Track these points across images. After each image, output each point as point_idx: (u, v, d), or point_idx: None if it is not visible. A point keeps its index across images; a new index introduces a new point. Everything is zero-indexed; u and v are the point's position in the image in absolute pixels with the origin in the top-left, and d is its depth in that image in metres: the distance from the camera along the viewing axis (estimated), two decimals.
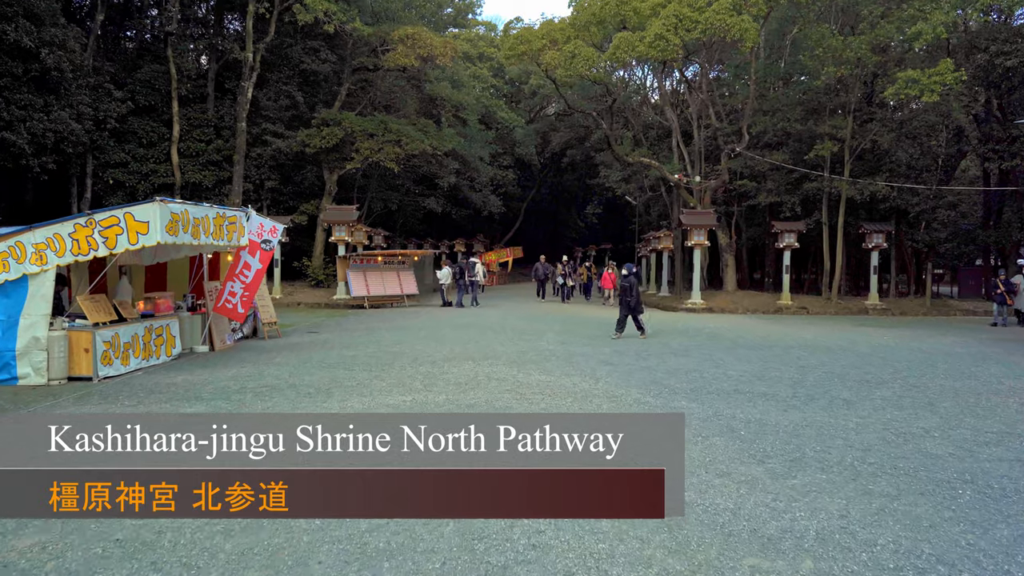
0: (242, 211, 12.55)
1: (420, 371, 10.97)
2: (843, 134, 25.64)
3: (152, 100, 29.16)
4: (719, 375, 11.00)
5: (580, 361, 12.23)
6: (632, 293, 15.72)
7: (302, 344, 14.49)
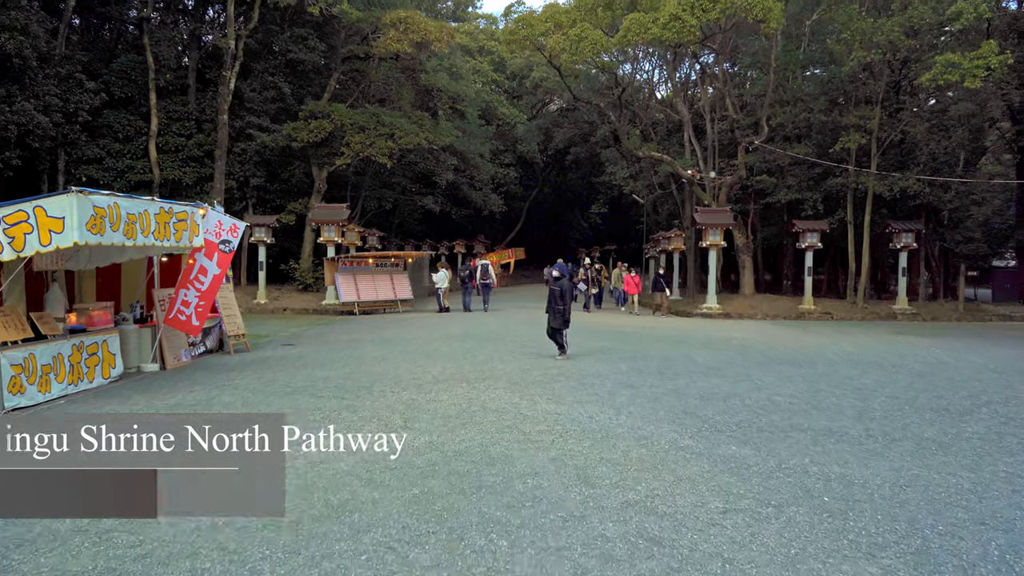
0: (195, 206, 10.64)
1: (402, 399, 9.05)
2: (871, 125, 23.69)
3: (129, 92, 27.27)
4: (764, 402, 9.07)
5: (594, 383, 10.29)
6: (564, 300, 12.73)
7: (271, 360, 12.57)
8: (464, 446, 6.77)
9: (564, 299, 12.66)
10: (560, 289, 12.77)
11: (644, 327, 19.39)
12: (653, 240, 35.47)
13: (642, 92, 39.76)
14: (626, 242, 59.99)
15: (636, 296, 25.58)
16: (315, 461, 6.24)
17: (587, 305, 25.40)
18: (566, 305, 12.68)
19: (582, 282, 25.71)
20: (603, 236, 61.43)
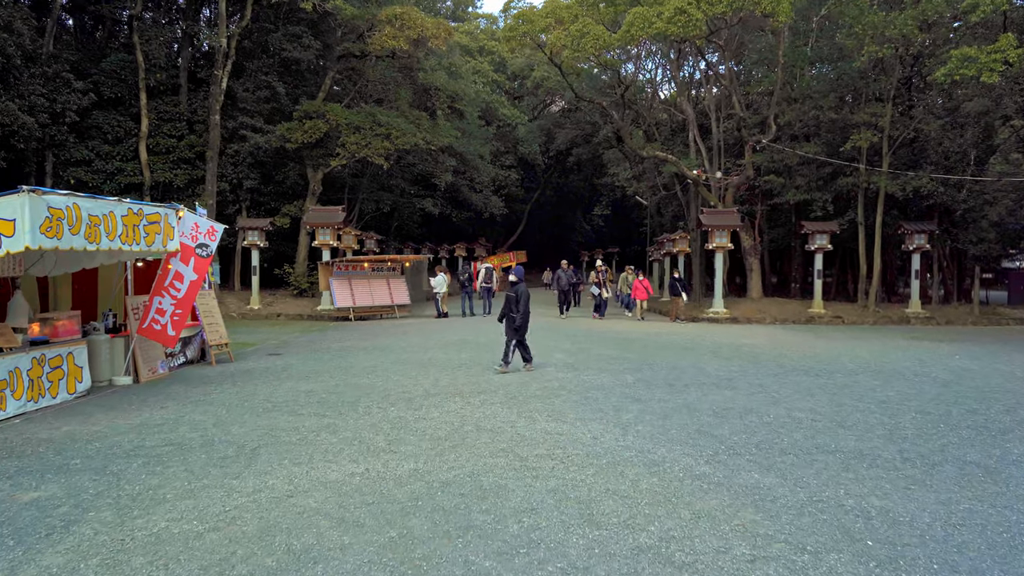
0: (170, 208, 9.90)
1: (389, 416, 8.29)
2: (882, 122, 22.92)
3: (119, 92, 26.60)
4: (784, 418, 8.30)
5: (598, 397, 9.53)
6: (519, 307, 11.64)
7: (254, 372, 11.82)
8: (453, 474, 6.01)
9: (518, 305, 11.62)
10: (516, 295, 11.70)
11: (649, 333, 18.63)
12: (657, 242, 34.70)
13: (645, 92, 39.05)
14: (629, 245, 59.23)
15: (645, 302, 24.27)
16: (281, 496, 5.48)
17: (599, 308, 23.77)
18: (519, 313, 11.58)
19: (595, 285, 24.00)
20: (605, 239, 60.66)
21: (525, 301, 11.72)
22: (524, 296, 11.74)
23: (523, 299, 11.70)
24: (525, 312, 11.71)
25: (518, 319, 11.58)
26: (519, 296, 11.67)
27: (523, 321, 11.69)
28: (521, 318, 11.62)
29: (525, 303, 11.72)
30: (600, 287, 23.82)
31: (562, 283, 23.73)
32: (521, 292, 11.73)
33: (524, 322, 11.73)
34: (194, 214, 10.96)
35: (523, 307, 11.69)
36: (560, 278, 23.75)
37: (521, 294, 11.71)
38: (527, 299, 11.79)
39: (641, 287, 23.85)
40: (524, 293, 11.78)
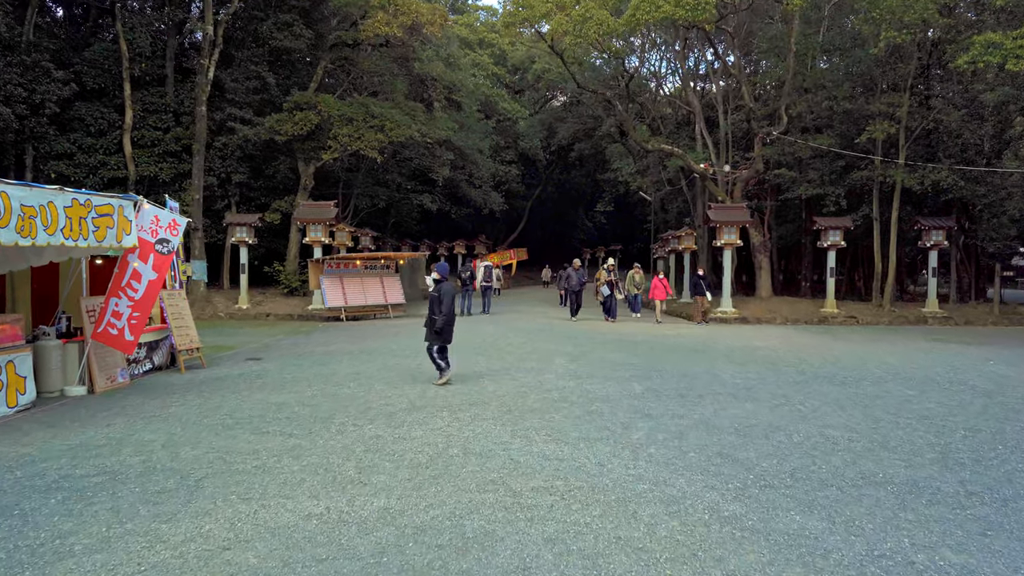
0: (127, 198, 8.86)
1: (365, 436, 7.25)
2: (900, 113, 21.82)
3: (102, 83, 25.56)
4: (817, 438, 7.25)
5: (604, 410, 8.49)
6: (441, 308, 10.19)
7: (226, 380, 10.78)
8: (430, 516, 4.97)
9: (441, 306, 10.24)
10: (439, 294, 10.28)
11: (656, 336, 17.58)
12: (661, 239, 33.62)
13: (649, 85, 37.99)
14: (632, 242, 58.19)
15: (664, 303, 22.62)
16: (215, 548, 4.43)
17: (608, 310, 21.60)
18: (443, 315, 10.18)
19: (606, 285, 21.70)
20: (608, 236, 59.63)
21: (448, 302, 10.33)
22: (447, 296, 10.34)
23: (446, 299, 10.30)
24: (448, 314, 10.28)
25: (439, 321, 10.16)
26: (442, 296, 10.28)
27: (444, 324, 10.24)
28: (443, 320, 10.19)
29: (448, 304, 10.31)
30: (612, 287, 21.76)
31: (572, 283, 21.86)
32: (444, 291, 10.34)
33: (446, 325, 10.27)
34: (156, 207, 9.90)
35: (446, 308, 10.26)
36: (570, 277, 21.97)
37: (444, 294, 10.32)
38: (451, 299, 10.44)
39: (660, 286, 22.23)
40: (447, 292, 10.38)
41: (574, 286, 21.73)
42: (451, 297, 10.43)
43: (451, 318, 10.38)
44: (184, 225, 10.41)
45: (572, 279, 21.81)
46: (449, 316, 10.29)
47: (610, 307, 21.68)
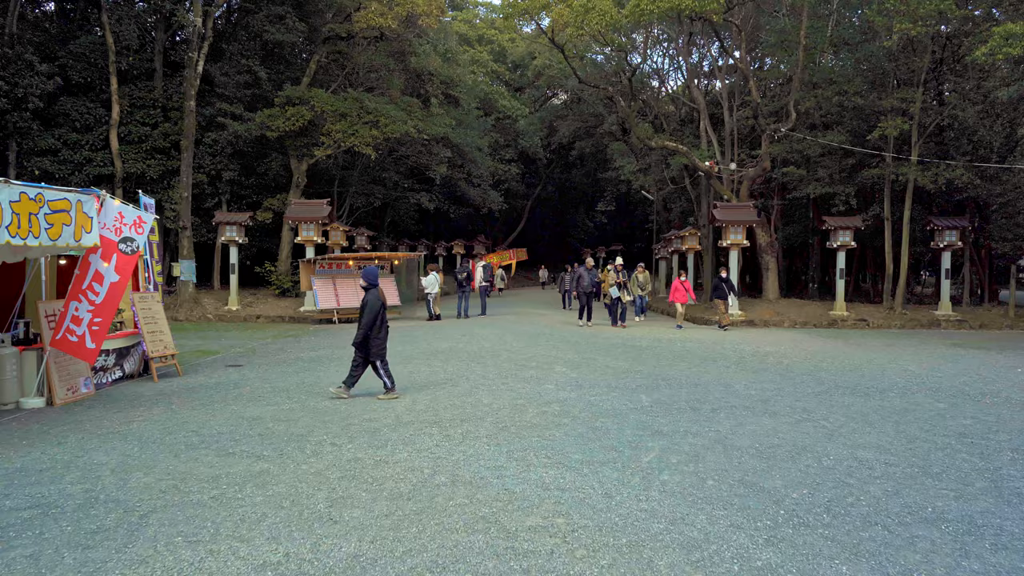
0: (85, 192, 8.08)
1: (343, 458, 6.47)
2: (913, 109, 21.03)
3: (88, 77, 24.78)
4: (849, 460, 6.47)
5: (609, 427, 7.70)
6: (378, 316, 9.16)
7: (200, 390, 10.00)
8: (407, 566, 4.18)
9: (363, 316, 9.10)
10: (362, 304, 9.23)
11: (661, 340, 16.79)
12: (664, 240, 32.84)
13: (651, 83, 37.23)
14: (633, 242, 57.40)
15: (684, 307, 20.72)
16: None
17: (618, 316, 19.83)
18: (377, 322, 9.14)
19: (616, 286, 19.78)
20: (609, 236, 58.83)
21: (370, 313, 9.09)
22: (370, 306, 9.12)
23: (367, 310, 9.11)
24: (367, 324, 9.06)
25: (357, 335, 9.09)
26: (364, 305, 9.18)
27: (363, 336, 9.07)
28: (361, 334, 9.07)
29: (369, 315, 9.08)
30: (621, 289, 19.89)
31: (584, 284, 19.98)
32: (366, 301, 9.18)
33: (365, 337, 9.09)
34: (121, 203, 9.11)
35: (365, 319, 9.07)
36: (582, 277, 20.16)
37: (366, 304, 9.17)
38: (373, 310, 9.11)
39: (681, 288, 20.39)
40: (370, 302, 9.16)
41: (586, 287, 19.99)
42: (374, 308, 9.13)
43: (369, 328, 9.10)
44: (151, 222, 9.63)
45: (584, 280, 20.04)
46: (367, 326, 9.09)
47: (619, 310, 19.97)
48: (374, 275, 9.49)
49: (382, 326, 9.27)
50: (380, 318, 9.22)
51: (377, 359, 9.25)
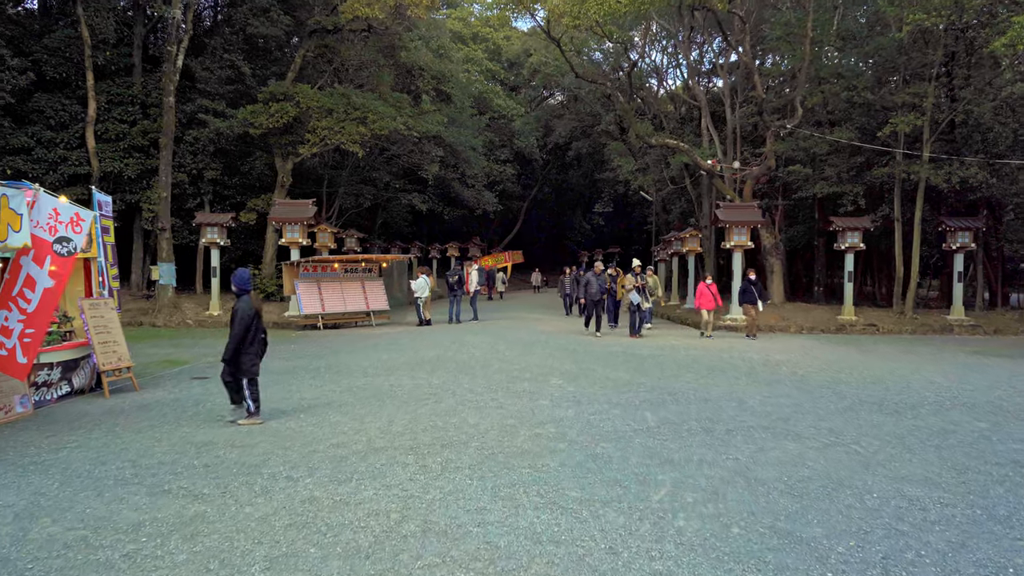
0: (13, 186, 7.06)
1: (297, 496, 5.44)
2: (926, 104, 20.08)
3: (64, 72, 23.73)
4: (896, 498, 5.47)
5: (611, 454, 6.69)
6: (251, 327, 7.90)
7: (151, 408, 8.96)
8: None
9: (252, 323, 7.88)
10: (236, 312, 7.86)
11: (663, 348, 15.77)
12: (664, 241, 31.85)
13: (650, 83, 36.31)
14: (631, 245, 56.47)
15: (711, 313, 18.58)
16: None
17: (636, 326, 17.90)
18: (233, 336, 7.81)
19: (635, 291, 17.84)
20: (606, 238, 57.91)
21: (241, 322, 7.79)
22: (241, 315, 7.81)
23: (238, 319, 7.81)
24: (237, 336, 7.77)
25: (227, 349, 7.80)
26: (234, 314, 7.88)
27: (234, 350, 7.77)
28: (231, 345, 7.76)
29: (240, 325, 7.78)
30: (641, 293, 18.02)
31: (592, 290, 17.90)
32: (237, 309, 7.86)
33: (236, 351, 7.79)
34: (53, 197, 8.06)
35: (236, 329, 7.78)
36: (590, 283, 18.02)
37: (236, 312, 7.84)
38: (245, 320, 7.81)
39: (708, 293, 18.18)
40: (241, 310, 7.83)
41: (595, 294, 17.92)
42: (243, 317, 7.80)
43: (239, 340, 7.79)
44: (90, 220, 8.58)
45: (592, 285, 17.96)
46: (240, 341, 7.79)
47: (640, 318, 17.97)
48: (246, 280, 8.18)
49: (255, 339, 7.94)
50: (254, 329, 7.91)
51: (246, 377, 7.90)
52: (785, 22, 22.37)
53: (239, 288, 8.08)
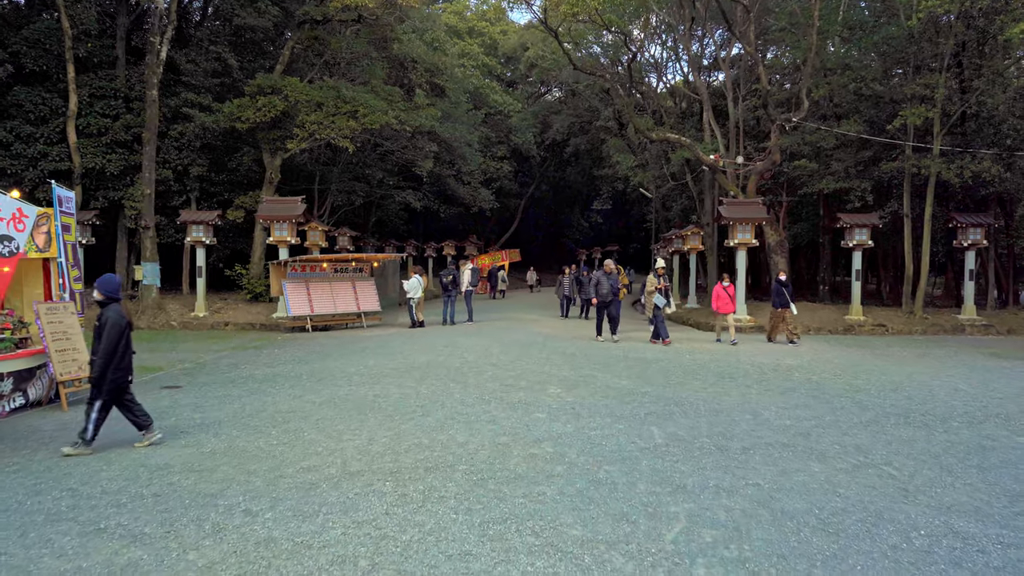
0: None
1: (249, 540, 4.67)
2: (937, 95, 19.32)
3: (44, 65, 22.91)
4: (950, 539, 4.73)
5: (616, 479, 5.93)
6: (120, 341, 6.78)
7: (110, 422, 8.12)
8: None
9: (100, 343, 6.71)
10: (103, 323, 6.76)
11: (666, 352, 15.00)
12: (664, 239, 31.09)
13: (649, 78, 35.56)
14: (629, 243, 55.82)
15: (732, 316, 16.88)
16: None
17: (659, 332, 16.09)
18: (101, 353, 6.67)
19: (659, 292, 16.43)
20: (604, 236, 57.21)
21: (110, 337, 6.68)
22: (110, 327, 6.71)
23: (106, 333, 6.69)
24: (106, 352, 6.66)
25: (94, 367, 6.71)
26: (101, 326, 6.77)
27: (102, 369, 6.68)
28: (99, 363, 6.67)
29: (109, 340, 6.68)
30: (665, 296, 16.59)
31: (603, 291, 16.25)
32: (105, 320, 6.77)
33: (104, 370, 6.69)
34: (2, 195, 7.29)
35: (104, 344, 6.67)
36: (600, 283, 16.28)
37: (104, 324, 6.75)
38: (114, 333, 6.71)
39: (725, 295, 16.57)
40: (111, 321, 6.75)
41: (606, 295, 16.24)
42: (114, 328, 6.72)
43: (109, 357, 6.69)
44: (34, 216, 7.81)
45: (603, 286, 16.26)
46: (110, 357, 6.68)
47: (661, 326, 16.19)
48: (113, 285, 7.03)
49: (126, 353, 6.88)
50: (125, 343, 6.85)
51: (110, 396, 6.84)
52: (790, 11, 21.59)
53: (107, 295, 6.93)
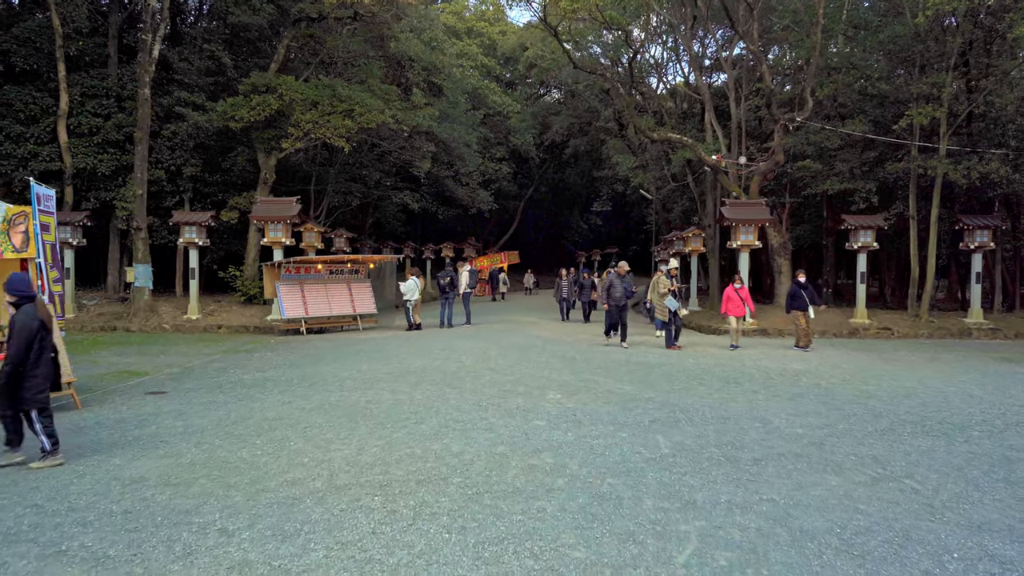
0: None
1: (222, 566, 4.28)
2: (944, 94, 18.96)
3: (34, 63, 22.51)
4: (984, 560, 4.37)
5: (622, 493, 5.53)
6: (33, 344, 6.20)
7: (86, 433, 7.80)
8: None
9: (10, 347, 6.14)
10: (15, 323, 6.19)
11: (668, 356, 14.61)
12: (664, 241, 30.73)
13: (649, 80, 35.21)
14: (629, 245, 55.40)
15: (741, 320, 16.30)
16: None
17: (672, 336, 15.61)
18: (12, 360, 6.10)
19: (671, 294, 15.59)
20: (603, 238, 56.83)
21: (19, 339, 6.12)
22: (20, 329, 6.16)
23: (16, 335, 6.14)
24: (15, 357, 6.09)
25: (1, 373, 6.15)
26: (11, 328, 6.20)
27: (9, 375, 6.12)
28: (7, 369, 6.12)
29: (19, 343, 6.11)
30: (680, 298, 16.03)
31: (616, 295, 15.44)
32: (15, 323, 6.21)
33: (13, 376, 6.14)
34: None
35: (13, 348, 6.10)
36: (613, 287, 15.46)
37: (14, 326, 6.19)
38: (25, 335, 6.14)
39: (736, 298, 15.84)
40: (20, 323, 6.19)
41: (619, 299, 15.47)
42: (28, 333, 6.15)
43: (26, 364, 6.17)
44: (3, 211, 7.44)
45: (616, 289, 15.45)
46: (19, 362, 6.12)
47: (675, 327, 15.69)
48: (24, 283, 6.51)
49: (40, 358, 6.26)
50: (38, 346, 6.23)
51: (33, 407, 6.28)
52: (794, 9, 21.24)
53: (18, 295, 6.32)
